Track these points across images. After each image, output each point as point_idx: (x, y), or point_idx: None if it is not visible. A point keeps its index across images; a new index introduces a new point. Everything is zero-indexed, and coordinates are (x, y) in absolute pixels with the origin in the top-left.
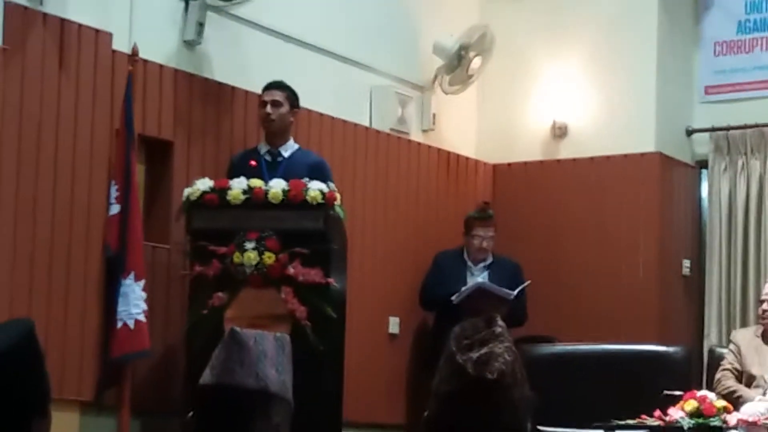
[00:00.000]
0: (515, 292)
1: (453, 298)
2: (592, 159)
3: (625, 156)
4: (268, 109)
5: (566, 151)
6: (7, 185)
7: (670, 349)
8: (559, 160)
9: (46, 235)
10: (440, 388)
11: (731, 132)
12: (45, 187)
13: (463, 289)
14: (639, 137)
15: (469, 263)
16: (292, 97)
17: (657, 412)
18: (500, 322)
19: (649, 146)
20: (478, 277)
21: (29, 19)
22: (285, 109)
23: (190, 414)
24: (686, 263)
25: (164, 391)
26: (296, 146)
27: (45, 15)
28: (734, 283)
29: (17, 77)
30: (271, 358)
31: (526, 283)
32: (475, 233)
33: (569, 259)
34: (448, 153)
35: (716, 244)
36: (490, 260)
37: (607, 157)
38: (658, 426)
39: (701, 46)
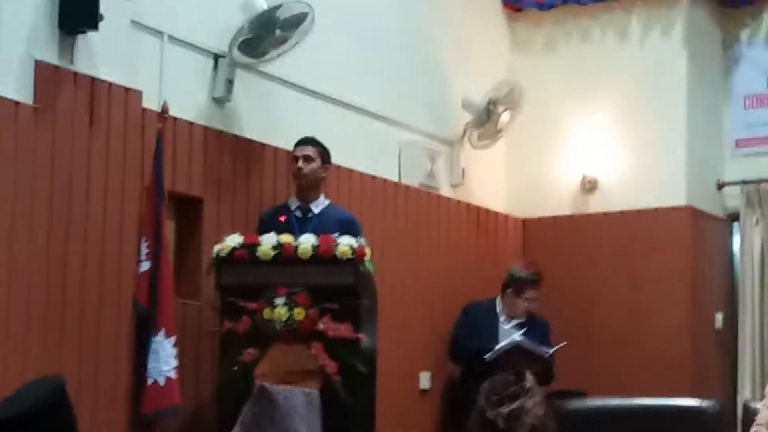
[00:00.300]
0: (552, 351)
1: (487, 356)
2: (622, 213)
3: (656, 210)
4: (300, 164)
5: (596, 205)
6: (39, 242)
7: (704, 403)
8: (589, 215)
9: (77, 292)
10: None
11: (763, 185)
12: (76, 244)
13: (499, 345)
14: (670, 191)
15: (502, 318)
16: (324, 152)
17: None
18: (530, 377)
19: (680, 200)
20: (512, 332)
21: (60, 78)
22: (317, 164)
23: None
24: (719, 317)
25: None
26: (327, 202)
27: (75, 74)
28: (767, 335)
29: (48, 135)
30: (300, 414)
31: (562, 344)
32: (526, 296)
33: (601, 313)
34: (478, 208)
35: (749, 297)
36: (523, 317)
37: (638, 211)
38: None
39: (731, 100)
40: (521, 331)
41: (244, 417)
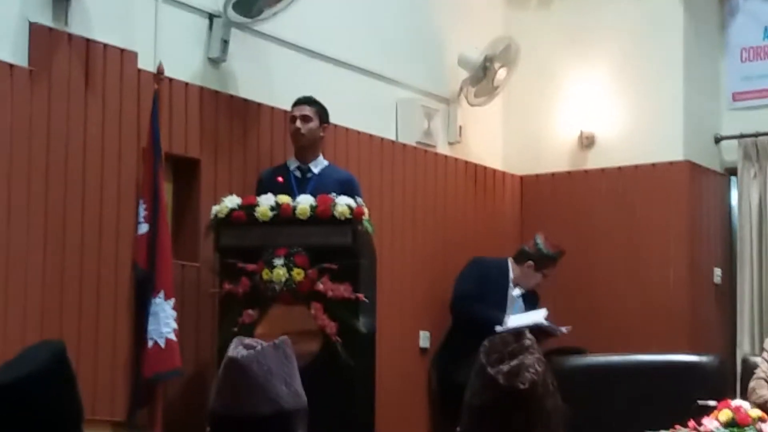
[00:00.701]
0: (566, 330)
1: (499, 328)
2: (620, 168)
3: (654, 165)
4: (298, 124)
5: (594, 161)
6: (36, 205)
7: (703, 358)
8: (586, 171)
9: (75, 255)
10: (472, 401)
11: (760, 138)
12: (73, 207)
13: (519, 323)
14: (667, 146)
15: (511, 283)
16: (322, 112)
17: (691, 423)
18: (529, 335)
19: (677, 155)
20: (518, 300)
21: (55, 40)
22: (315, 124)
23: (208, 430)
24: (717, 271)
25: (196, 409)
26: (326, 163)
27: (70, 35)
28: (766, 290)
29: (44, 98)
30: (277, 373)
31: (568, 327)
32: (546, 272)
33: (599, 270)
34: (475, 165)
35: (747, 252)
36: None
37: (636, 167)
38: None
39: (728, 53)
40: (544, 311)
41: (221, 387)
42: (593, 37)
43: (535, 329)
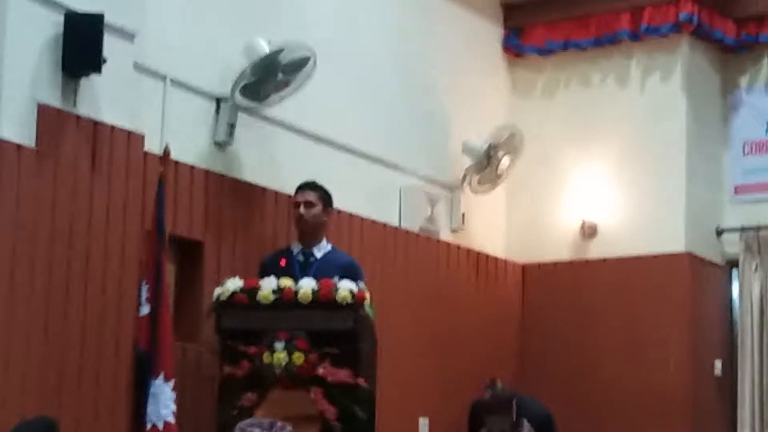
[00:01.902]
0: None
1: None
2: (621, 259)
3: (655, 256)
4: (302, 210)
5: (596, 250)
6: (40, 284)
7: None
8: (588, 260)
9: (77, 334)
10: None
11: (761, 232)
12: (77, 287)
13: None
14: (669, 237)
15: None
16: (326, 197)
17: None
18: (526, 424)
19: (678, 246)
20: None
21: (63, 121)
22: (318, 209)
23: None
24: (718, 364)
25: None
26: (329, 247)
27: (78, 117)
28: (767, 382)
29: (50, 178)
30: None
31: None
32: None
33: (600, 360)
34: (478, 253)
35: (748, 344)
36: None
37: (637, 257)
38: None
39: (730, 146)
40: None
41: None
42: (597, 127)
43: None
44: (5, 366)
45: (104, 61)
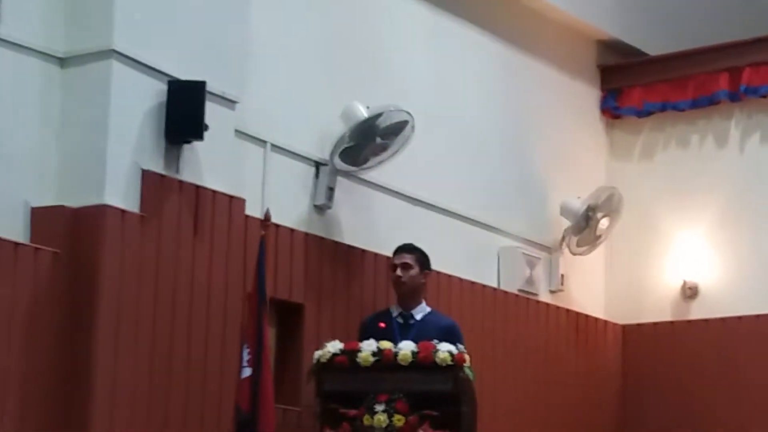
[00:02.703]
0: None
1: None
2: (723, 320)
3: (757, 317)
4: (399, 272)
5: (697, 311)
6: (143, 348)
7: None
8: (690, 321)
9: (180, 398)
10: None
11: None
12: (179, 350)
13: None
14: None
15: None
16: (423, 259)
17: None
18: None
19: None
20: None
21: (166, 187)
22: (415, 271)
23: None
24: None
25: None
26: (428, 309)
27: (181, 182)
28: None
29: (154, 243)
30: None
31: None
32: None
33: (703, 422)
34: (577, 314)
35: None
36: None
37: (739, 318)
38: None
39: None
40: None
41: None
42: (696, 188)
43: None
44: (110, 429)
45: (206, 128)
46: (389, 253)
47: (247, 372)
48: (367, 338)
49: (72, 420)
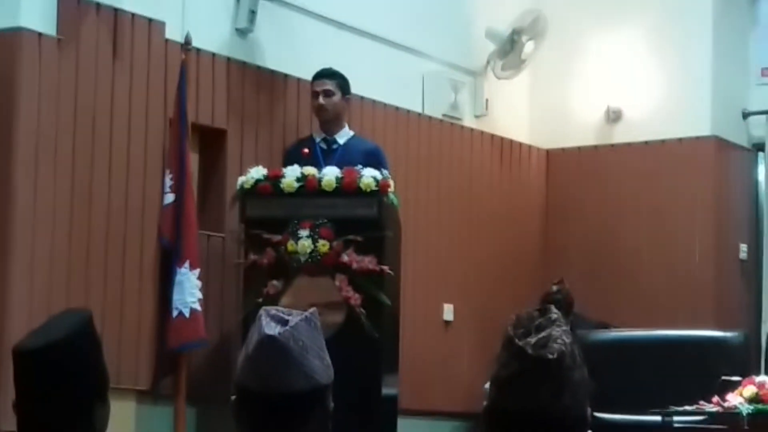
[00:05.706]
0: None
1: None
2: (646, 143)
3: (680, 140)
4: (321, 99)
5: (620, 135)
6: (63, 175)
7: (728, 334)
8: (613, 145)
9: (101, 226)
10: (500, 373)
11: None
12: (100, 178)
13: None
14: (694, 121)
15: None
16: (343, 83)
17: (715, 399)
18: (554, 310)
19: (704, 130)
20: None
21: (83, 10)
22: (337, 97)
23: (233, 398)
24: (743, 247)
25: (220, 380)
26: (351, 133)
27: (98, 5)
28: None
29: (72, 68)
30: (311, 348)
31: None
32: None
33: (624, 245)
34: (501, 139)
35: None
36: None
37: (662, 142)
38: (717, 412)
39: (757, 28)
40: None
41: (254, 366)
42: (621, 10)
43: None
44: (30, 258)
45: None
46: (312, 77)
47: (169, 199)
48: (291, 164)
49: None
